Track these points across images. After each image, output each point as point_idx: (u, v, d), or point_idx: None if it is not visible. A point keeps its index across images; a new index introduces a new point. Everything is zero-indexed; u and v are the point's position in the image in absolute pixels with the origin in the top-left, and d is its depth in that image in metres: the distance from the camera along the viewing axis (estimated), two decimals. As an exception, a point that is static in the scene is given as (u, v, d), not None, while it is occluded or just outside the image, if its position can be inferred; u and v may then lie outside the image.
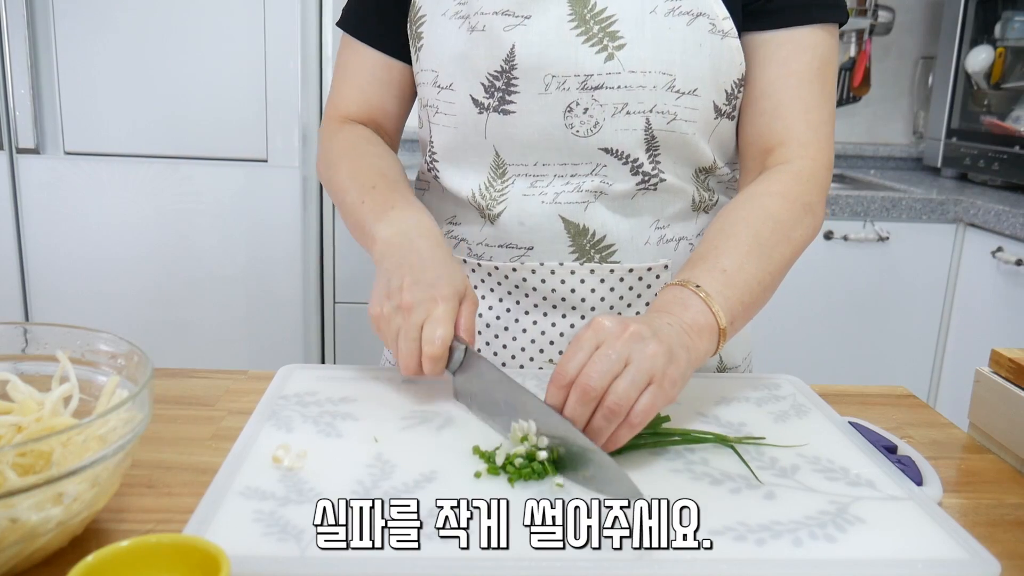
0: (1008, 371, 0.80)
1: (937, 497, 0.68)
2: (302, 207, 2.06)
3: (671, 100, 0.85)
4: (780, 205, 0.83)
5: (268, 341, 2.11)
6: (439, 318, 0.75)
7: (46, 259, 2.04)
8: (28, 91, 1.93)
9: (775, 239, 0.81)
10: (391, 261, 0.80)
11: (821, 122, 0.87)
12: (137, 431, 0.58)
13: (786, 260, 0.82)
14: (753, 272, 0.78)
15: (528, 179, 0.90)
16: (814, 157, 0.87)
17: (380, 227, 0.84)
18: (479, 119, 0.89)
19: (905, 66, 2.82)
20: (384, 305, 0.77)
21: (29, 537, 0.53)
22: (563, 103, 0.85)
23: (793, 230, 0.83)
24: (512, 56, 0.85)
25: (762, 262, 0.79)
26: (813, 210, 0.85)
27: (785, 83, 0.86)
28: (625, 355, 0.66)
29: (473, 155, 0.91)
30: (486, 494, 0.63)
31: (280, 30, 1.95)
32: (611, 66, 0.84)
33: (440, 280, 0.77)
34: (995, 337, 2.07)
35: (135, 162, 1.99)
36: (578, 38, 0.84)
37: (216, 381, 0.89)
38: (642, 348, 0.66)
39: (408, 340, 0.75)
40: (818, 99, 0.87)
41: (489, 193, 0.91)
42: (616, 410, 0.65)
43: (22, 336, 0.70)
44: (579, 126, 0.86)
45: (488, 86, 0.87)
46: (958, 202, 2.18)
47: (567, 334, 0.92)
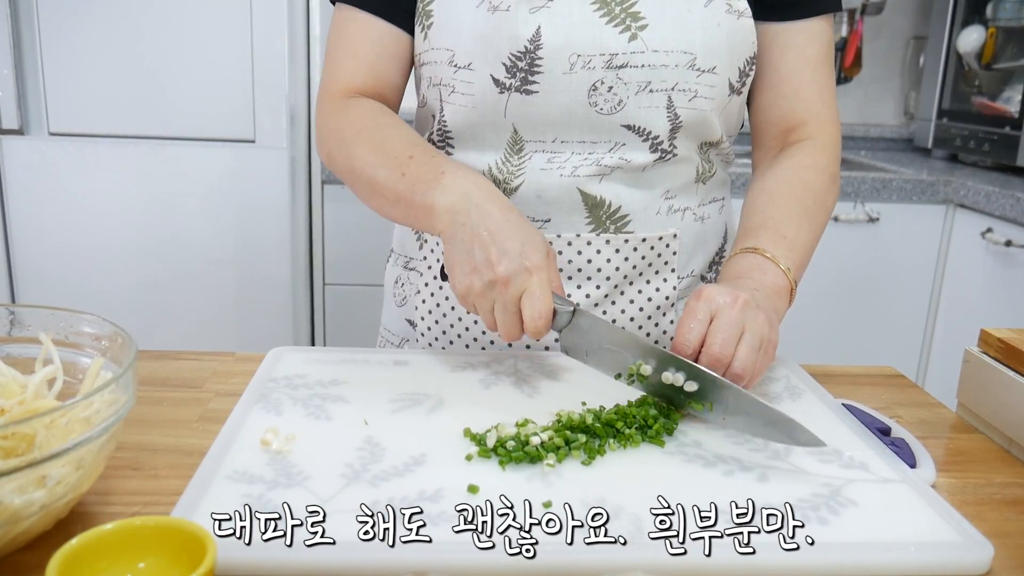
0: (997, 351, 0.80)
1: (930, 479, 0.68)
2: (291, 188, 2.04)
3: (692, 78, 0.88)
4: (815, 177, 0.93)
5: (257, 323, 2.10)
6: (537, 291, 0.74)
7: (32, 241, 2.02)
8: (11, 71, 1.91)
9: (816, 207, 0.91)
10: (466, 231, 0.77)
11: (832, 100, 0.97)
12: (121, 413, 0.57)
13: (823, 225, 0.92)
14: (807, 237, 0.88)
15: (546, 154, 0.90)
16: (832, 132, 0.96)
17: (437, 195, 0.79)
18: (499, 99, 0.88)
19: (896, 46, 2.81)
20: (474, 280, 0.76)
21: (12, 520, 0.52)
22: (588, 82, 0.87)
23: (827, 198, 0.93)
24: (538, 37, 0.86)
25: (812, 228, 0.89)
26: (836, 180, 0.96)
27: (802, 69, 0.95)
28: (741, 323, 0.73)
29: (490, 132, 0.91)
30: (477, 477, 0.63)
31: (267, 8, 1.93)
32: (635, 45, 0.86)
33: (526, 247, 0.75)
34: (984, 317, 2.08)
35: (121, 143, 1.97)
36: (602, 19, 0.86)
37: (203, 363, 0.88)
38: (754, 316, 0.74)
39: (509, 314, 0.75)
40: (828, 80, 0.96)
41: (507, 168, 0.91)
42: (742, 375, 0.72)
43: (7, 318, 0.69)
44: (603, 104, 0.87)
45: (510, 66, 0.87)
46: (948, 183, 2.18)
47: (583, 304, 0.92)
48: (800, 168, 0.93)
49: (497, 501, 0.55)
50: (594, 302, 0.93)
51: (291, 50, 1.97)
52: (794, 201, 0.90)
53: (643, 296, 0.94)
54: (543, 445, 0.66)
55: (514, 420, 0.71)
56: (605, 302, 0.93)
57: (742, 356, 0.72)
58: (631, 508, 0.59)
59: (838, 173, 0.96)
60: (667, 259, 0.94)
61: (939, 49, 2.57)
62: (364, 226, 2.13)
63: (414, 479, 0.63)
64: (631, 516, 0.58)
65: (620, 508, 0.59)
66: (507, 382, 0.82)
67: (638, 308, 0.94)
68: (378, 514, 0.54)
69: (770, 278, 0.82)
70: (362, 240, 2.14)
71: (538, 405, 0.77)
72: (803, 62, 0.94)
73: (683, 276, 0.96)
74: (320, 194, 2.12)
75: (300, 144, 2.07)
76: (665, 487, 0.62)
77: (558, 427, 0.69)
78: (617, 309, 0.93)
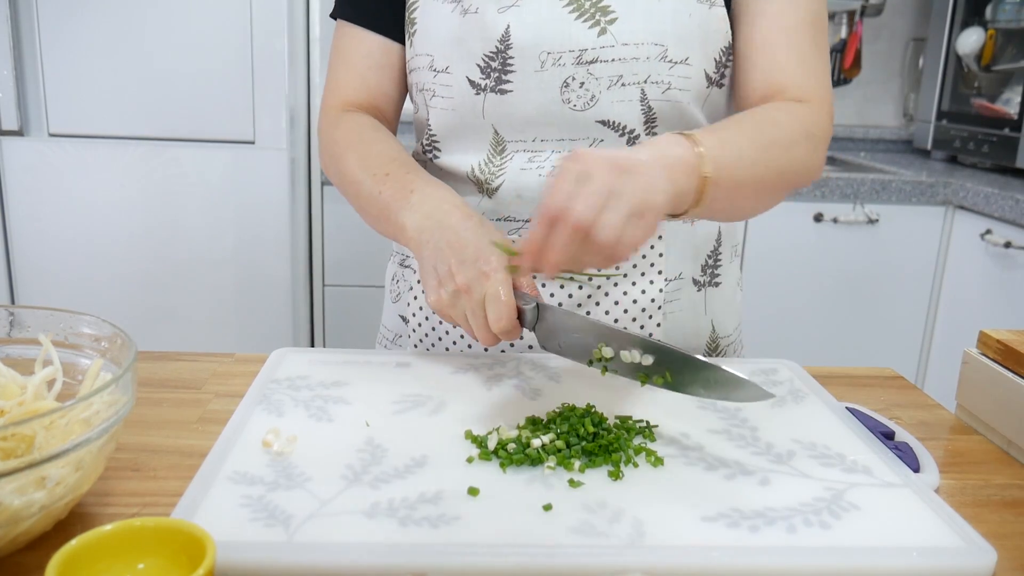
0: (996, 352, 0.80)
1: (934, 484, 0.68)
2: (290, 189, 2.04)
3: (664, 70, 0.86)
4: (783, 116, 0.83)
5: (256, 325, 2.10)
6: (495, 294, 0.74)
7: (31, 243, 2.02)
8: (11, 72, 1.90)
9: (774, 135, 0.81)
10: (429, 248, 0.79)
11: (818, 71, 0.88)
12: (121, 414, 0.57)
13: (781, 166, 0.81)
14: (747, 146, 0.77)
15: (527, 154, 0.91)
16: (819, 99, 0.87)
17: (406, 215, 0.83)
18: (476, 100, 0.89)
19: (896, 48, 2.81)
20: (440, 293, 0.77)
21: (12, 521, 0.52)
22: (559, 79, 0.86)
23: (793, 145, 0.82)
24: (507, 36, 0.86)
25: (758, 145, 0.79)
26: (814, 140, 0.84)
27: (778, 37, 0.87)
28: (610, 186, 0.65)
29: (472, 134, 0.92)
30: (478, 479, 0.63)
31: (267, 8, 1.92)
32: (604, 40, 0.85)
33: (481, 253, 0.76)
34: (983, 319, 2.08)
35: (120, 144, 1.97)
36: (571, 15, 0.85)
37: (202, 364, 0.88)
38: (628, 180, 0.66)
39: (478, 319, 0.76)
40: (812, 50, 0.88)
41: (488, 168, 0.92)
42: (606, 244, 0.65)
43: (7, 319, 0.69)
44: (576, 100, 0.87)
45: (484, 67, 0.88)
46: (947, 184, 2.18)
47: (565, 304, 0.92)
48: (770, 108, 0.85)
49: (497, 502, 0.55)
50: (577, 303, 0.92)
51: (291, 51, 1.97)
52: (749, 119, 0.82)
53: (628, 298, 0.93)
54: (544, 448, 0.66)
55: (516, 423, 0.71)
56: (589, 303, 0.92)
57: (607, 222, 0.64)
58: (632, 511, 0.59)
59: (819, 137, 0.85)
60: (652, 260, 0.93)
61: (938, 51, 2.57)
62: (364, 227, 2.10)
63: (415, 481, 0.63)
64: (632, 519, 0.58)
65: (621, 511, 0.59)
66: (509, 384, 0.82)
67: (623, 310, 0.93)
68: (379, 515, 0.54)
69: (674, 151, 0.72)
70: (362, 241, 2.14)
71: (540, 407, 0.77)
72: (778, 31, 0.88)
73: (670, 279, 0.95)
74: (320, 195, 2.12)
75: (300, 145, 2.07)
76: (666, 490, 0.62)
77: (561, 432, 0.69)
78: (601, 310, 0.93)
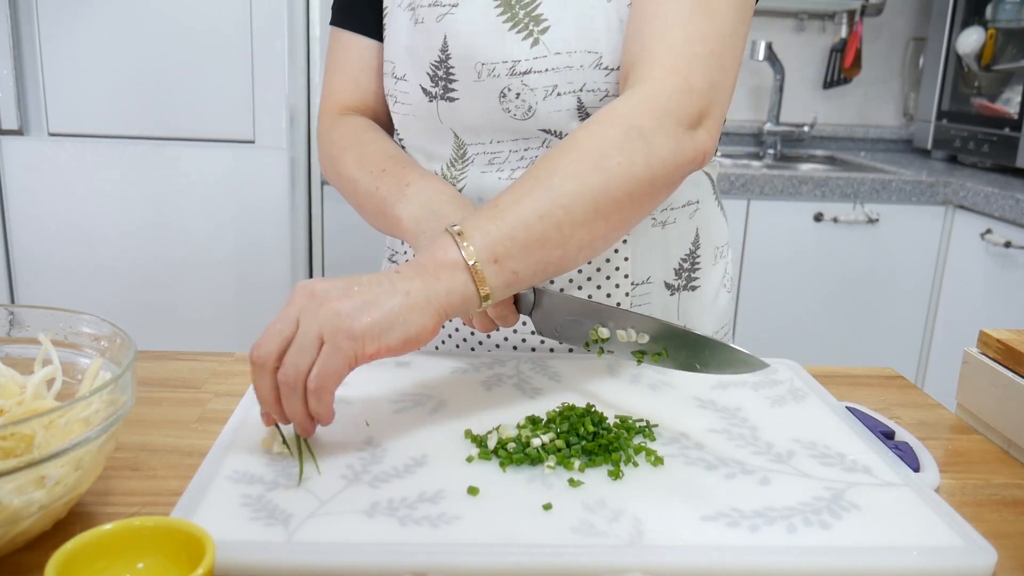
0: (996, 352, 0.80)
1: (934, 484, 0.68)
2: (290, 189, 2.04)
3: (600, 77, 0.84)
4: (589, 133, 0.74)
5: (256, 324, 2.10)
6: None
7: (31, 242, 2.02)
8: (11, 72, 1.90)
9: (573, 169, 0.72)
10: (427, 238, 0.79)
11: (685, 41, 0.77)
12: (120, 413, 0.57)
13: (593, 191, 0.72)
14: (532, 205, 0.70)
15: (487, 156, 0.91)
16: (661, 78, 0.76)
17: (402, 207, 0.83)
18: (431, 107, 0.90)
19: (896, 48, 2.81)
20: None
21: (11, 521, 0.52)
22: (496, 89, 0.86)
23: (604, 158, 0.72)
24: (446, 46, 0.86)
25: (548, 195, 0.71)
26: (645, 135, 0.74)
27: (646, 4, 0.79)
28: (295, 319, 0.63)
29: (436, 139, 0.92)
30: (478, 479, 0.63)
31: (267, 8, 1.92)
32: (537, 50, 0.83)
33: None
34: (983, 318, 2.09)
35: (120, 143, 1.97)
36: (504, 24, 0.84)
37: (202, 363, 0.88)
38: (314, 309, 0.63)
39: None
40: (686, 16, 0.77)
41: (451, 172, 0.92)
42: (287, 381, 0.62)
43: (6, 319, 0.69)
44: (515, 110, 0.86)
45: (432, 75, 0.88)
46: (948, 184, 2.18)
47: None
48: (579, 128, 0.76)
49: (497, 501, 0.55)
50: None
51: (291, 50, 1.97)
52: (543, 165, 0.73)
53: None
54: (544, 447, 0.66)
55: (515, 422, 0.71)
56: None
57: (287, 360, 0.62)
58: (632, 510, 0.59)
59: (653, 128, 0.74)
60: (618, 264, 0.91)
61: (939, 50, 2.57)
62: (364, 227, 2.11)
63: (415, 480, 0.63)
64: (631, 519, 0.58)
65: (621, 510, 0.59)
66: (509, 384, 0.82)
67: None
68: (378, 515, 0.54)
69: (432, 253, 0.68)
70: (362, 241, 2.14)
71: (540, 407, 0.77)
72: None
73: (637, 283, 0.93)
74: (320, 194, 2.12)
75: (300, 145, 2.07)
76: (666, 490, 0.62)
77: (561, 431, 0.69)
78: None
